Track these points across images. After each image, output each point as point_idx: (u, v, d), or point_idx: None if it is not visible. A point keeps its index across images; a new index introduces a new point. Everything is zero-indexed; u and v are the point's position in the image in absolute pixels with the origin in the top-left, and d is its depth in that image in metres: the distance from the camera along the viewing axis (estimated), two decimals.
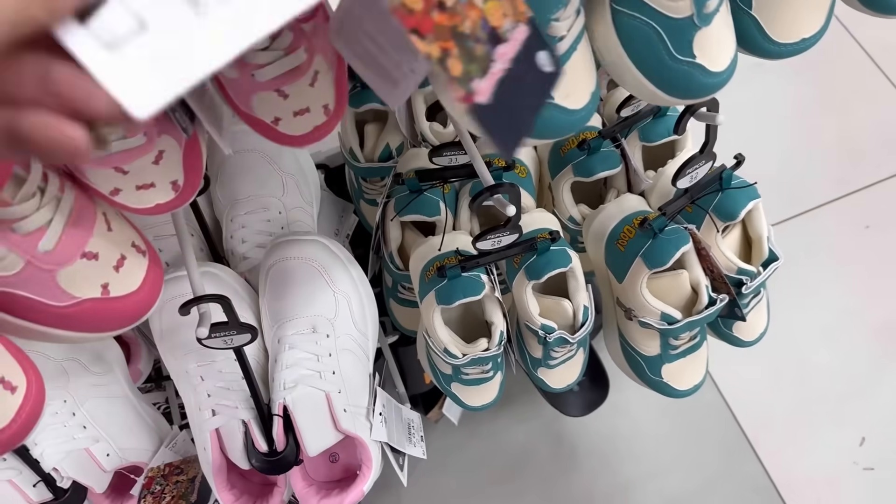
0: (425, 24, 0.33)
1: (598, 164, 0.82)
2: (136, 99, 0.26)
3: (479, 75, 0.35)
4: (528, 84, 0.37)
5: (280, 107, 0.47)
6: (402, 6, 0.32)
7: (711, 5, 0.43)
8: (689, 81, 0.45)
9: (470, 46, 0.35)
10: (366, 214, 0.98)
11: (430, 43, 0.33)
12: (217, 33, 0.27)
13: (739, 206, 0.74)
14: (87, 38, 0.26)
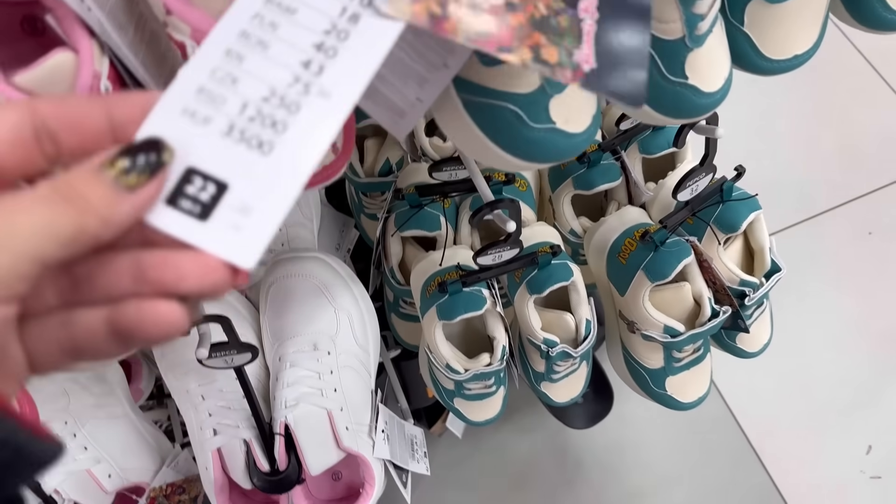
0: (504, 35, 0.32)
1: (599, 176, 0.82)
2: (240, 253, 0.27)
3: (576, 44, 0.34)
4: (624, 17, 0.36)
5: None
6: (478, 34, 0.32)
7: (703, 27, 0.42)
8: (682, 102, 0.45)
9: (554, 24, 0.34)
10: (366, 229, 0.98)
11: (517, 49, 0.33)
12: (288, 162, 0.28)
13: (740, 217, 0.74)
14: (177, 216, 0.27)
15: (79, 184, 0.24)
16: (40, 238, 0.23)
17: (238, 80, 0.30)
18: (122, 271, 0.26)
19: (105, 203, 0.24)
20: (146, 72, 0.44)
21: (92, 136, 0.26)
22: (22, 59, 0.42)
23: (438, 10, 0.32)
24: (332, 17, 0.31)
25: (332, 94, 0.30)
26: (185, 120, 0.28)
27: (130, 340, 0.26)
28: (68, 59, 0.40)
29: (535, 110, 0.43)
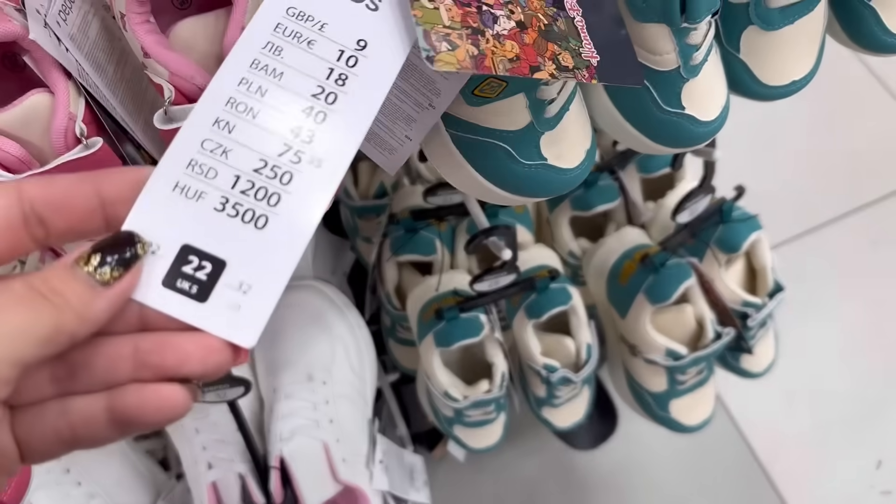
0: (530, 55, 0.33)
1: (597, 197, 0.80)
2: (241, 333, 0.26)
3: (579, 44, 0.35)
4: (594, 2, 0.37)
5: None
6: (511, 62, 0.33)
7: (698, 57, 0.41)
8: (679, 132, 0.43)
9: (556, 30, 0.35)
10: (362, 252, 0.97)
11: (545, 65, 0.33)
12: (282, 236, 0.28)
13: (741, 237, 0.73)
14: (175, 297, 0.26)
15: (55, 282, 0.24)
16: (19, 341, 0.23)
17: (229, 152, 0.29)
18: (121, 357, 0.25)
19: (81, 300, 0.24)
20: (124, 110, 0.43)
21: (81, 217, 0.26)
22: (2, 96, 0.41)
23: (475, 50, 0.32)
24: (319, 79, 0.31)
25: (323, 161, 0.29)
26: (177, 196, 0.27)
27: (131, 426, 0.26)
28: (44, 100, 0.38)
29: (524, 147, 0.42)
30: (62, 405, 0.26)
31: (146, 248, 0.26)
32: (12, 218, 0.25)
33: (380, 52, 0.31)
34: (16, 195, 0.25)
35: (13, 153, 0.38)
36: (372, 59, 0.31)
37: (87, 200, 0.26)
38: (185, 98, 0.39)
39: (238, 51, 0.31)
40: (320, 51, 0.31)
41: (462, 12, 0.33)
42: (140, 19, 0.39)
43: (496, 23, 0.34)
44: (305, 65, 0.31)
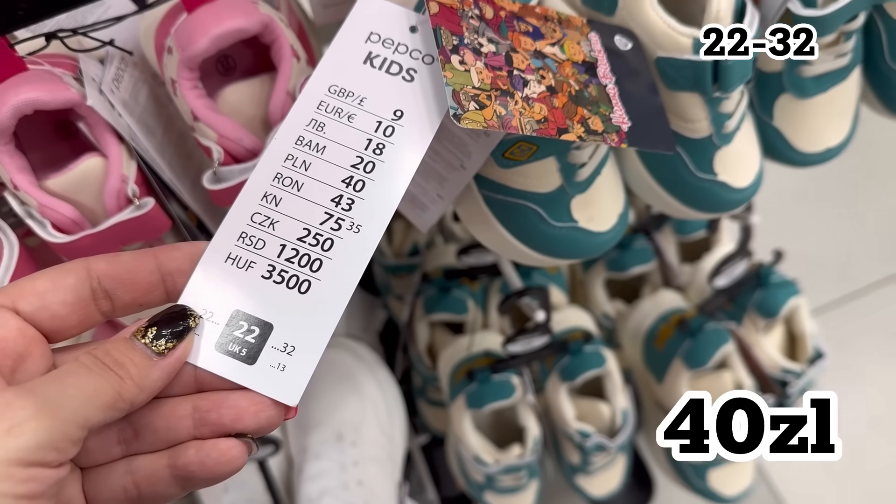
0: (558, 118, 0.34)
1: (632, 258, 0.80)
2: (286, 392, 0.28)
3: (609, 109, 0.36)
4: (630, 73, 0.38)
5: None
6: (539, 123, 0.34)
7: (731, 125, 0.42)
8: (712, 198, 0.44)
9: (587, 96, 0.36)
10: (394, 310, 0.97)
11: (572, 127, 0.35)
12: (324, 299, 0.29)
13: (780, 302, 0.72)
14: (226, 360, 0.28)
15: (116, 353, 0.26)
16: (86, 406, 0.24)
17: (276, 223, 0.31)
18: (181, 417, 0.27)
19: (139, 370, 0.26)
20: (172, 172, 0.44)
21: (145, 290, 0.28)
22: (55, 160, 0.43)
23: (503, 111, 0.33)
24: (358, 150, 0.33)
25: (362, 226, 0.31)
26: (229, 267, 0.30)
27: (194, 482, 0.27)
28: (98, 163, 0.40)
29: (555, 209, 0.42)
30: (128, 464, 0.27)
31: (197, 320, 0.28)
32: (83, 293, 0.27)
33: (415, 120, 0.33)
34: (85, 272, 0.27)
35: (68, 215, 0.39)
36: (408, 127, 0.33)
37: (149, 274, 0.28)
38: (232, 159, 0.41)
39: (285, 127, 0.33)
40: (360, 124, 0.33)
41: (493, 75, 0.34)
42: (190, 84, 0.40)
43: (526, 86, 0.35)
44: (346, 138, 0.33)
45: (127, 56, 0.43)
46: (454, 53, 0.33)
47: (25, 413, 0.23)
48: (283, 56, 0.42)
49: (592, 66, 0.38)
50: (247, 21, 0.40)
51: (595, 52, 0.38)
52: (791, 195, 1.35)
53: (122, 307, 0.28)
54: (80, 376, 0.25)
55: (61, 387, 0.24)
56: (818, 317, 0.85)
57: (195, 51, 0.39)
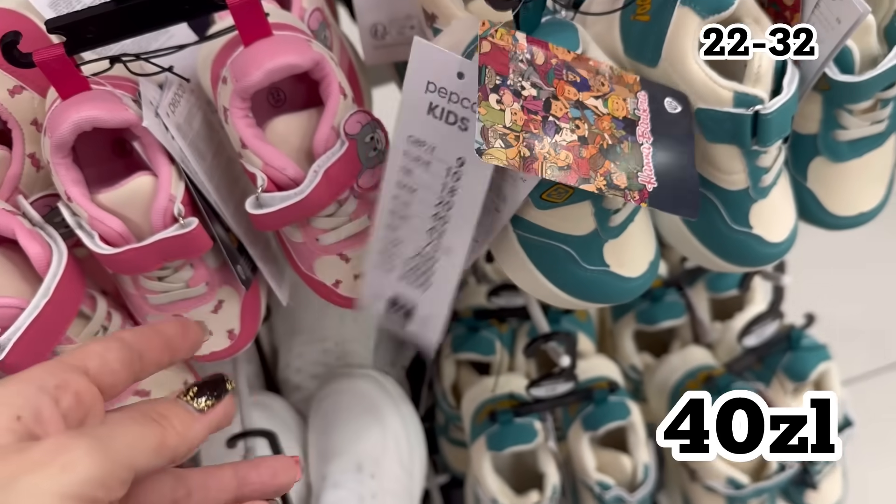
0: (582, 168, 0.36)
1: (662, 312, 0.80)
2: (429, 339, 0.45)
3: (639, 167, 0.38)
4: (672, 137, 0.40)
5: (341, 270, 0.48)
6: (560, 169, 0.35)
7: (767, 180, 0.42)
8: (746, 251, 0.44)
9: (619, 151, 0.37)
10: None
11: (594, 179, 0.36)
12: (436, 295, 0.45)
13: (809, 366, 0.71)
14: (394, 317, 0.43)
15: (161, 408, 0.29)
16: (133, 449, 0.27)
17: (398, 244, 0.43)
18: (227, 479, 0.31)
19: (183, 422, 0.29)
20: (218, 195, 0.46)
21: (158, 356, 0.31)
22: (108, 176, 0.45)
23: (528, 153, 0.35)
24: (439, 193, 0.40)
25: (451, 250, 0.41)
26: (383, 272, 0.44)
27: None
28: (148, 182, 0.42)
29: (588, 252, 0.43)
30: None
31: (233, 384, 0.32)
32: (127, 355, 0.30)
33: (474, 167, 0.39)
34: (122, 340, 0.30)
35: (116, 229, 0.41)
36: (469, 173, 0.38)
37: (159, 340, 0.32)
38: (275, 186, 0.43)
39: (388, 171, 0.41)
40: (435, 170, 0.39)
41: (526, 118, 0.35)
42: (241, 114, 0.42)
43: (558, 133, 0.36)
44: (428, 182, 0.40)
45: (184, 82, 0.46)
46: (493, 92, 0.34)
47: (79, 452, 0.25)
48: (331, 93, 0.43)
49: (633, 124, 0.39)
50: (299, 58, 0.42)
51: (640, 110, 0.39)
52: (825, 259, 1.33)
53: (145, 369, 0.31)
54: (127, 424, 0.28)
55: (111, 432, 0.27)
56: (848, 386, 0.83)
57: (249, 82, 0.41)
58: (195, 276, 0.45)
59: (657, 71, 0.42)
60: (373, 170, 0.46)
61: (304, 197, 0.42)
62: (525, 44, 0.35)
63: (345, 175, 0.44)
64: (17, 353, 0.40)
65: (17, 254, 0.43)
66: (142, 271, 0.44)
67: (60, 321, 0.42)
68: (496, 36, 0.34)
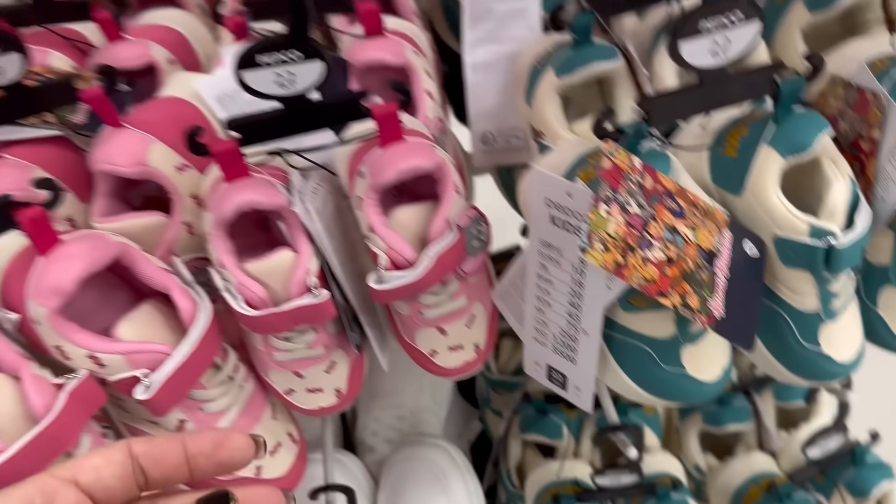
0: (663, 284, 0.42)
1: (729, 415, 0.82)
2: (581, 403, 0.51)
3: (711, 295, 0.44)
4: (745, 276, 0.45)
5: (439, 342, 0.54)
6: (645, 280, 0.41)
7: (837, 304, 0.46)
8: (815, 367, 0.47)
9: (698, 277, 0.43)
10: (490, 423, 1.01)
11: (671, 295, 0.42)
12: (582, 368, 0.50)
13: (871, 483, 0.71)
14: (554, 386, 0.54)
15: None
16: None
17: (546, 324, 0.50)
18: None
19: None
20: (342, 270, 0.53)
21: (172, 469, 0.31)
22: (251, 247, 0.52)
23: (622, 261, 0.41)
24: (570, 285, 0.46)
25: (587, 331, 0.47)
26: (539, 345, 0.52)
27: None
28: (289, 257, 0.49)
29: (667, 355, 0.47)
30: None
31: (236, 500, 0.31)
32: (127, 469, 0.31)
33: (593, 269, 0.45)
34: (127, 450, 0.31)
35: (259, 294, 0.48)
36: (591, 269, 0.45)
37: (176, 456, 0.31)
38: (395, 266, 0.49)
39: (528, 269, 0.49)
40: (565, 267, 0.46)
41: (627, 231, 0.41)
42: (373, 204, 0.49)
43: (650, 249, 0.42)
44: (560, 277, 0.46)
45: (324, 173, 0.53)
46: (604, 203, 0.40)
47: None
48: (448, 191, 0.50)
49: (714, 256, 0.44)
50: (427, 162, 0.49)
51: (722, 247, 0.45)
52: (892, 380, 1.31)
53: (153, 482, 0.31)
54: None
55: None
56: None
57: (383, 179, 0.48)
58: (317, 339, 0.52)
59: (740, 200, 0.47)
60: (475, 257, 0.52)
61: (418, 278, 0.48)
62: (639, 168, 0.41)
63: (452, 260, 0.50)
64: (161, 394, 0.47)
65: (166, 306, 0.51)
66: (274, 332, 0.50)
67: (198, 368, 0.49)
68: (617, 156, 0.41)
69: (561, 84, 0.52)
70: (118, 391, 0.47)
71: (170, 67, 0.62)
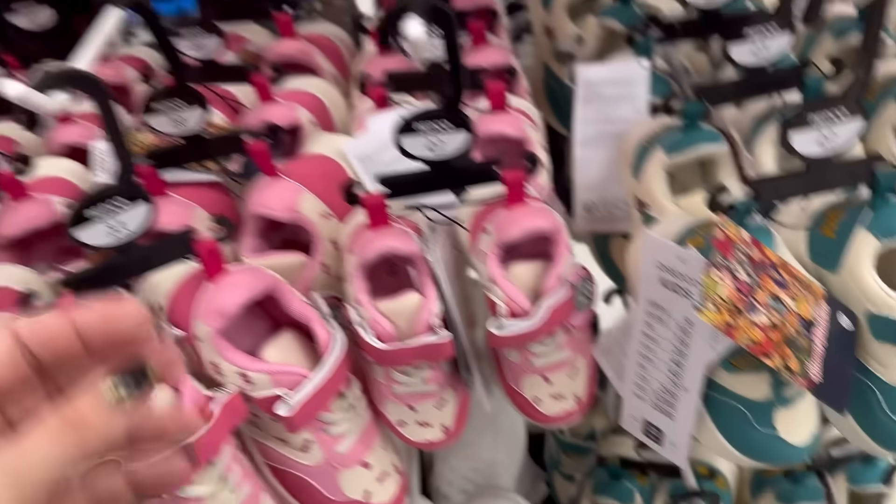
0: (768, 346, 0.46)
1: (802, 495, 0.83)
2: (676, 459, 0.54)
3: (809, 361, 0.48)
4: (839, 346, 0.49)
5: (543, 389, 0.58)
6: (752, 342, 0.46)
7: None
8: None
9: (799, 344, 0.48)
10: (557, 487, 1.03)
11: (773, 357, 0.47)
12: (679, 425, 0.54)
13: None
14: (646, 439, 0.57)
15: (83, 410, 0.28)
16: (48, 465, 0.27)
17: (647, 380, 0.54)
18: None
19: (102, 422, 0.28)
20: (456, 313, 0.58)
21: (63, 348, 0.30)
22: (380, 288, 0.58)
23: (731, 322, 0.46)
24: (673, 344, 0.50)
25: (689, 388, 0.51)
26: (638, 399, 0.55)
27: None
28: (416, 299, 0.55)
29: (761, 416, 0.51)
30: None
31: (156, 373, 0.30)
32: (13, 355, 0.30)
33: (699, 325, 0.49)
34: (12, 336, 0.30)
35: (388, 330, 0.54)
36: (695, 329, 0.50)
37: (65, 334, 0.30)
38: (512, 315, 0.54)
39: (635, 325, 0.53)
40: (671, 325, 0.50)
41: (736, 296, 0.46)
42: (496, 258, 0.55)
43: (755, 314, 0.46)
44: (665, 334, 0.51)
45: (450, 228, 0.59)
46: (715, 268, 0.45)
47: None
48: (562, 251, 0.56)
49: (811, 325, 0.48)
50: (547, 224, 0.55)
51: (819, 317, 0.49)
52: None
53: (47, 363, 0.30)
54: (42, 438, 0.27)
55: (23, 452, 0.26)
56: None
57: (508, 237, 0.54)
58: (432, 375, 0.57)
59: (836, 277, 0.51)
60: (581, 313, 0.57)
61: (534, 327, 0.54)
62: (748, 240, 0.47)
63: (563, 314, 0.55)
64: (299, 412, 0.52)
65: (304, 336, 0.57)
66: (397, 365, 0.56)
67: (330, 393, 0.54)
68: (729, 228, 0.46)
69: (669, 162, 0.58)
70: (259, 407, 0.53)
71: (311, 128, 0.70)
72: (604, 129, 0.67)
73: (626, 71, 0.64)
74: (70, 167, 0.66)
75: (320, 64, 0.78)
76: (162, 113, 0.56)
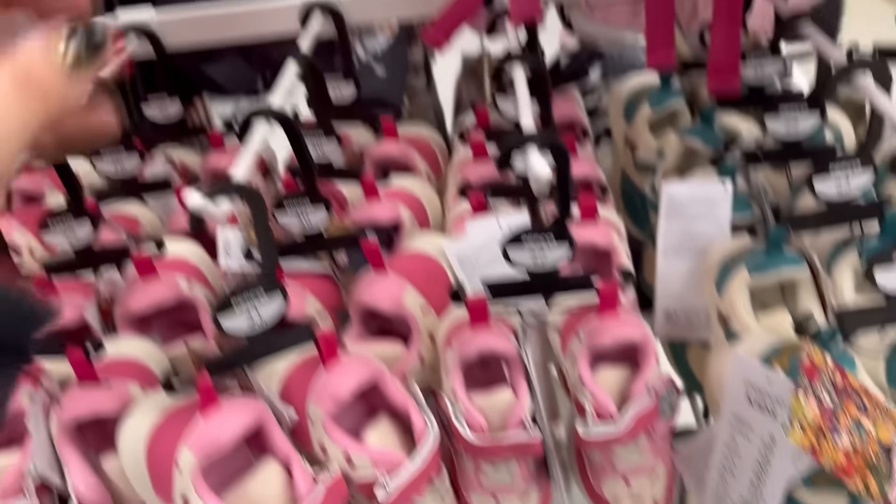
0: (849, 469, 0.49)
1: None
2: None
3: (889, 485, 0.50)
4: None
5: (623, 492, 0.61)
6: (834, 463, 0.49)
7: None
8: None
9: (878, 469, 0.50)
10: None
11: (855, 479, 0.49)
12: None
13: None
14: None
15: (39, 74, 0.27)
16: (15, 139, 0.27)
17: (728, 492, 0.56)
18: None
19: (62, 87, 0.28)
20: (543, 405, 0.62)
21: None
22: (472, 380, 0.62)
23: (816, 444, 0.49)
24: (756, 459, 0.53)
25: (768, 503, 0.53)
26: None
27: None
28: (509, 395, 0.59)
29: None
30: None
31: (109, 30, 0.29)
32: None
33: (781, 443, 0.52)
34: None
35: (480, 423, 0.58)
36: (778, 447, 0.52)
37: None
38: (599, 418, 0.58)
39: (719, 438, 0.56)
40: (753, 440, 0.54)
41: (821, 419, 0.49)
42: (586, 363, 0.59)
43: (838, 436, 0.49)
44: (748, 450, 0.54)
45: (541, 329, 0.64)
46: (803, 392, 0.48)
47: None
48: (650, 361, 0.59)
49: (891, 451, 0.51)
50: (637, 334, 0.59)
51: None
52: None
53: None
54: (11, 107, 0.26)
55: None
56: None
57: (600, 343, 0.58)
58: (519, 470, 0.60)
59: None
60: (665, 420, 0.60)
61: (621, 432, 0.57)
62: (832, 366, 0.50)
63: (648, 420, 0.58)
64: (396, 497, 0.56)
65: (398, 422, 0.61)
66: (488, 458, 0.59)
67: (424, 479, 0.58)
68: (815, 354, 0.49)
69: (752, 281, 0.62)
70: (359, 491, 0.57)
71: (411, 225, 0.76)
72: (686, 243, 0.71)
73: (710, 191, 0.69)
74: (194, 250, 0.73)
75: (417, 164, 0.85)
76: (291, 212, 0.63)
